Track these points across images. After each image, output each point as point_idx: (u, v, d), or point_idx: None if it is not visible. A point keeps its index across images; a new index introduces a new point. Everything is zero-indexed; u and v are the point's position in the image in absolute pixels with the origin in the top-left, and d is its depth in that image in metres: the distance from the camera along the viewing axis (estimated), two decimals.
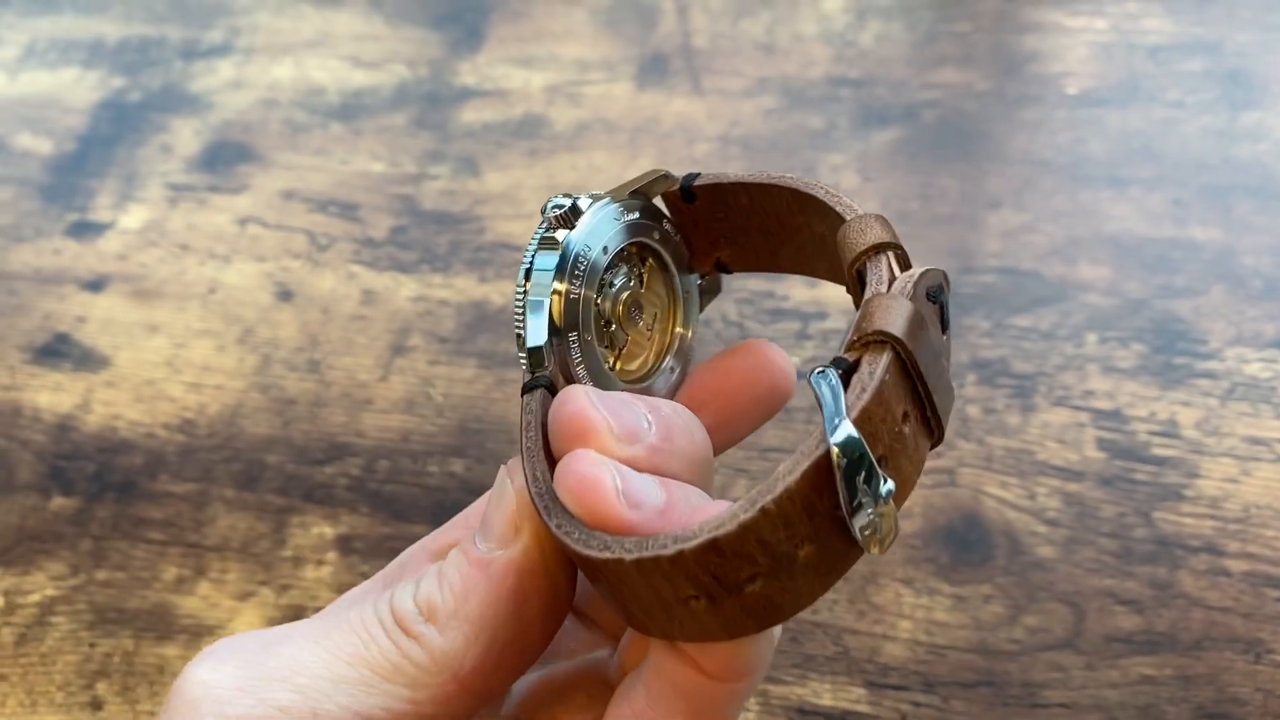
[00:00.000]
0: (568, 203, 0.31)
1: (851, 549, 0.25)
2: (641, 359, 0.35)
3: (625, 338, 0.34)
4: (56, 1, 0.75)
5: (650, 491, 0.26)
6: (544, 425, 0.29)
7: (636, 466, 0.27)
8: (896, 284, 0.27)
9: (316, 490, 0.53)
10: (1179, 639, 0.46)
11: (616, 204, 0.32)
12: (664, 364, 0.35)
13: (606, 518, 0.25)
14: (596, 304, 0.32)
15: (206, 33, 0.73)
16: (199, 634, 0.49)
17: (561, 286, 0.31)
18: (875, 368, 0.25)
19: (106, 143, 0.68)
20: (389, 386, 0.56)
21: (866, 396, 0.24)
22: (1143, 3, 0.67)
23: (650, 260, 0.34)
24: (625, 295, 0.33)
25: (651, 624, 0.26)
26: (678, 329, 0.35)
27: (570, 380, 0.31)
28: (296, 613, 0.50)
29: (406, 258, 0.61)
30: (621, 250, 0.33)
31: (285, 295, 0.60)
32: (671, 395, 0.35)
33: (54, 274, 0.62)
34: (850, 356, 0.26)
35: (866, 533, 0.24)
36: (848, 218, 0.30)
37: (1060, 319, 0.55)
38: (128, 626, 0.50)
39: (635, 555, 0.25)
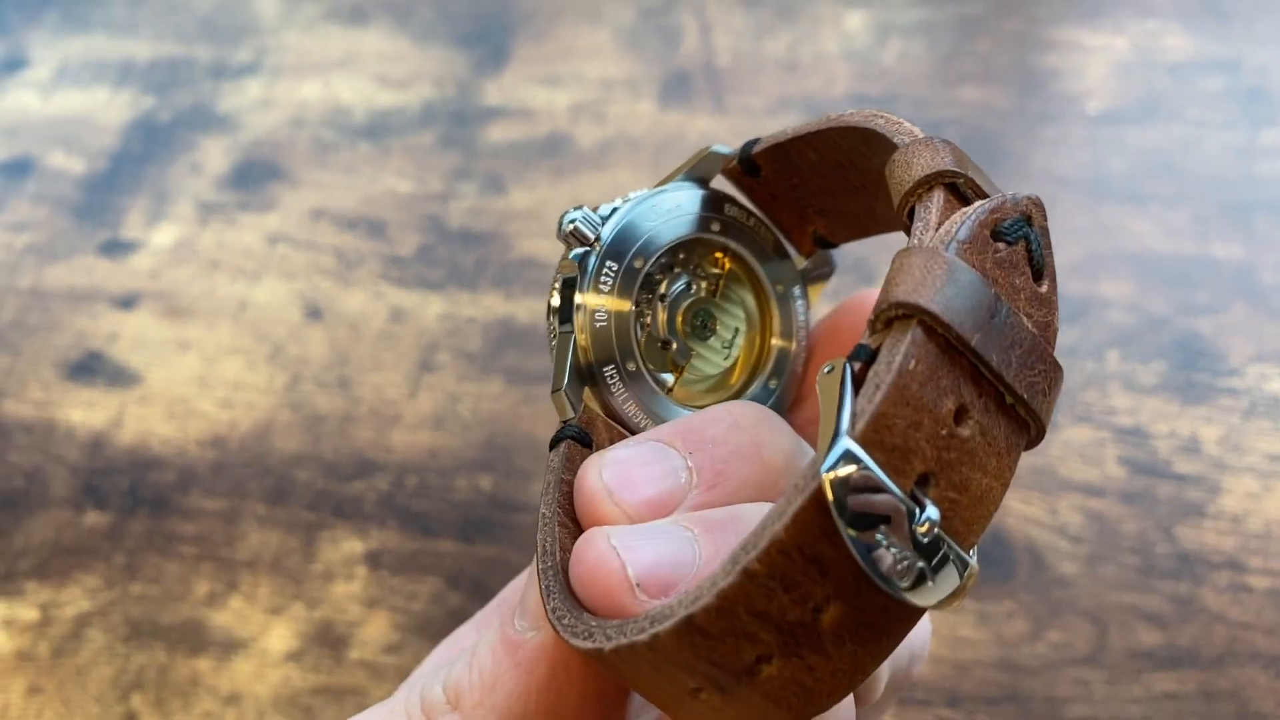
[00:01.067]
0: (579, 215, 0.27)
1: (903, 607, 0.19)
2: (718, 378, 0.29)
3: (690, 353, 0.29)
4: (88, 22, 0.76)
5: (682, 561, 0.22)
6: (571, 484, 0.25)
7: (678, 517, 0.23)
8: (941, 230, 0.20)
9: (346, 506, 0.54)
10: (1201, 655, 0.46)
11: (654, 196, 0.28)
12: (756, 384, 0.29)
13: (621, 611, 0.21)
14: (643, 322, 0.28)
15: (235, 53, 0.74)
16: (231, 647, 0.50)
17: (583, 317, 0.27)
18: (894, 355, 0.19)
19: (137, 162, 0.69)
20: (417, 403, 0.57)
21: (879, 397, 0.18)
22: (1162, 21, 0.67)
23: (723, 257, 0.29)
24: (687, 304, 0.29)
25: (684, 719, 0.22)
26: (773, 340, 0.30)
27: (617, 419, 0.27)
28: (326, 627, 0.50)
29: (434, 275, 0.61)
30: (668, 251, 0.28)
31: (315, 313, 0.61)
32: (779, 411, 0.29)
33: (87, 292, 0.63)
34: (873, 342, 0.20)
35: (905, 584, 0.18)
36: (884, 132, 0.24)
37: (1082, 336, 0.55)
38: (161, 640, 0.51)
39: (612, 644, 0.20)
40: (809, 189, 0.28)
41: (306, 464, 0.55)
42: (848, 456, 0.18)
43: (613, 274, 0.27)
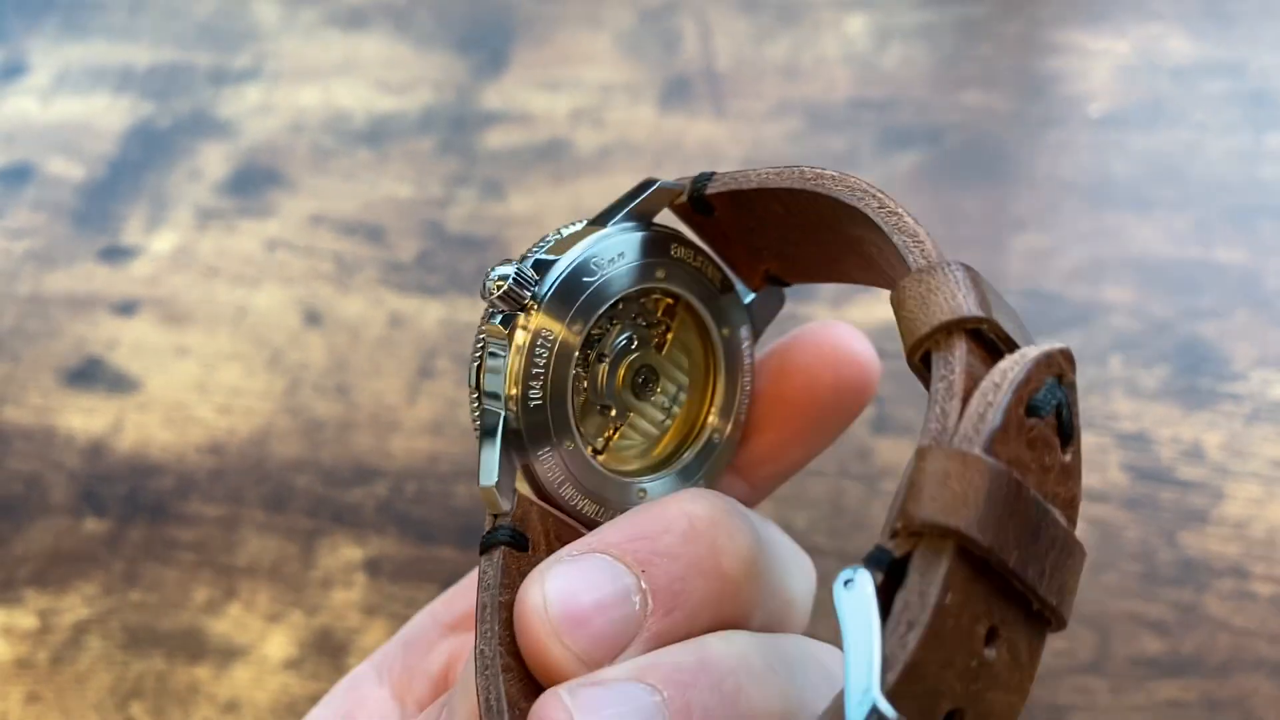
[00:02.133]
0: (510, 271, 0.24)
1: None
2: (650, 442, 0.27)
3: (628, 415, 0.27)
4: (88, 29, 0.76)
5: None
6: (510, 607, 0.22)
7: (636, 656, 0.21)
8: (970, 412, 0.18)
9: (345, 512, 0.54)
10: (1205, 662, 0.46)
11: (596, 243, 0.25)
12: (687, 454, 0.27)
13: None
14: (580, 386, 0.25)
15: (234, 58, 0.74)
16: (230, 655, 0.50)
17: (515, 391, 0.24)
18: (929, 586, 0.17)
19: (136, 168, 0.69)
20: (416, 409, 0.56)
21: (914, 643, 0.16)
22: (1165, 24, 0.67)
23: (671, 304, 0.27)
24: (629, 360, 0.26)
25: None
26: (710, 418, 0.27)
27: (551, 502, 0.25)
28: (325, 634, 0.50)
29: (433, 281, 0.61)
30: (609, 309, 0.25)
31: (313, 319, 0.60)
32: (724, 459, 0.28)
33: (86, 298, 0.63)
34: (896, 550, 0.17)
35: None
36: (908, 261, 0.21)
37: (1084, 341, 0.55)
38: (160, 647, 0.51)
39: None
40: (768, 237, 0.26)
41: (305, 470, 0.55)
42: (875, 713, 0.16)
43: (547, 348, 0.24)
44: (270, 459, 0.56)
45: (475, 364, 0.24)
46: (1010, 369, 0.18)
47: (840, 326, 0.27)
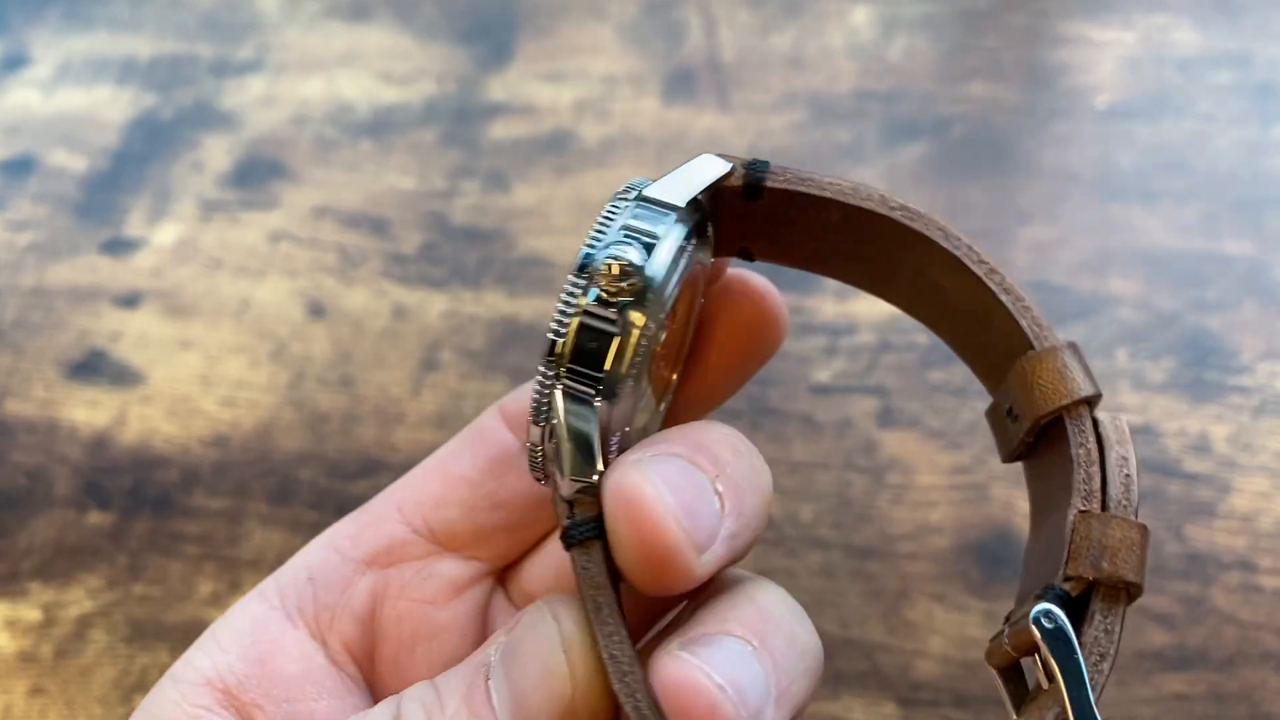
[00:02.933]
0: (615, 249, 0.22)
1: None
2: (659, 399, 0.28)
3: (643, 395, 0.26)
4: (90, 20, 0.76)
5: (757, 687, 0.21)
6: (614, 588, 0.23)
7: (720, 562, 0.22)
8: (1115, 479, 0.23)
9: (349, 505, 0.53)
10: (1212, 656, 0.46)
11: (681, 233, 0.24)
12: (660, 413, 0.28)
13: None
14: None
15: (237, 50, 0.73)
16: None
17: (625, 378, 0.23)
18: (1114, 625, 0.22)
19: (139, 160, 0.68)
20: (420, 402, 0.56)
21: (1106, 669, 0.22)
22: (1172, 15, 0.66)
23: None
24: (662, 340, 0.25)
25: None
26: (685, 348, 0.28)
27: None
28: None
29: (437, 273, 0.61)
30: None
31: (317, 311, 0.60)
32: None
33: (89, 291, 0.63)
34: (1071, 590, 0.22)
35: None
36: (1033, 338, 0.25)
37: (1090, 333, 0.55)
38: (165, 640, 0.51)
39: None
40: (794, 232, 0.26)
41: (309, 463, 0.55)
42: None
43: (648, 332, 0.23)
44: (274, 451, 0.56)
45: (573, 344, 0.23)
46: (1121, 441, 0.24)
47: (750, 275, 0.27)
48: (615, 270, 0.22)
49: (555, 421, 0.23)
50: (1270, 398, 0.52)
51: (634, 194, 0.24)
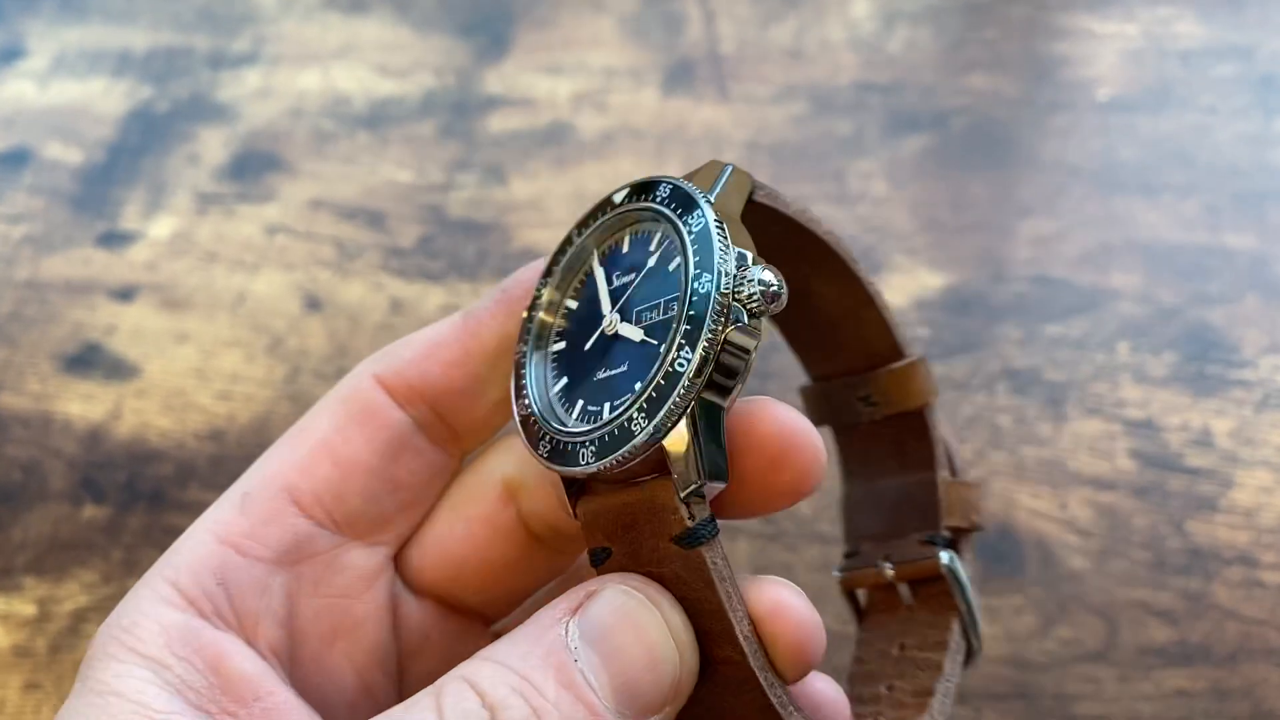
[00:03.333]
0: (775, 283, 0.26)
1: None
2: None
3: None
4: (85, 11, 0.76)
5: None
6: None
7: None
8: (957, 451, 0.34)
9: None
10: (1213, 651, 0.46)
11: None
12: None
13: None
14: None
15: (233, 42, 0.73)
16: None
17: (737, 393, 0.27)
18: (971, 563, 0.34)
19: (135, 152, 0.68)
20: None
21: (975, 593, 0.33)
22: (1174, 7, 0.66)
23: None
24: None
25: None
26: None
27: None
28: None
29: (434, 267, 0.61)
30: None
31: (313, 305, 0.60)
32: None
33: (84, 284, 0.62)
34: (949, 536, 0.33)
35: None
36: (905, 347, 0.33)
37: (1092, 327, 0.54)
38: None
39: None
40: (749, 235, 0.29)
41: None
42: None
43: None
44: (270, 445, 0.55)
45: (714, 365, 0.26)
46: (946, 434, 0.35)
47: (781, 405, 0.28)
48: (766, 293, 0.26)
49: (691, 430, 0.26)
50: (1273, 392, 0.52)
51: (713, 215, 0.27)
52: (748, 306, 0.26)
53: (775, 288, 0.26)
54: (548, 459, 0.27)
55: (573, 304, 0.30)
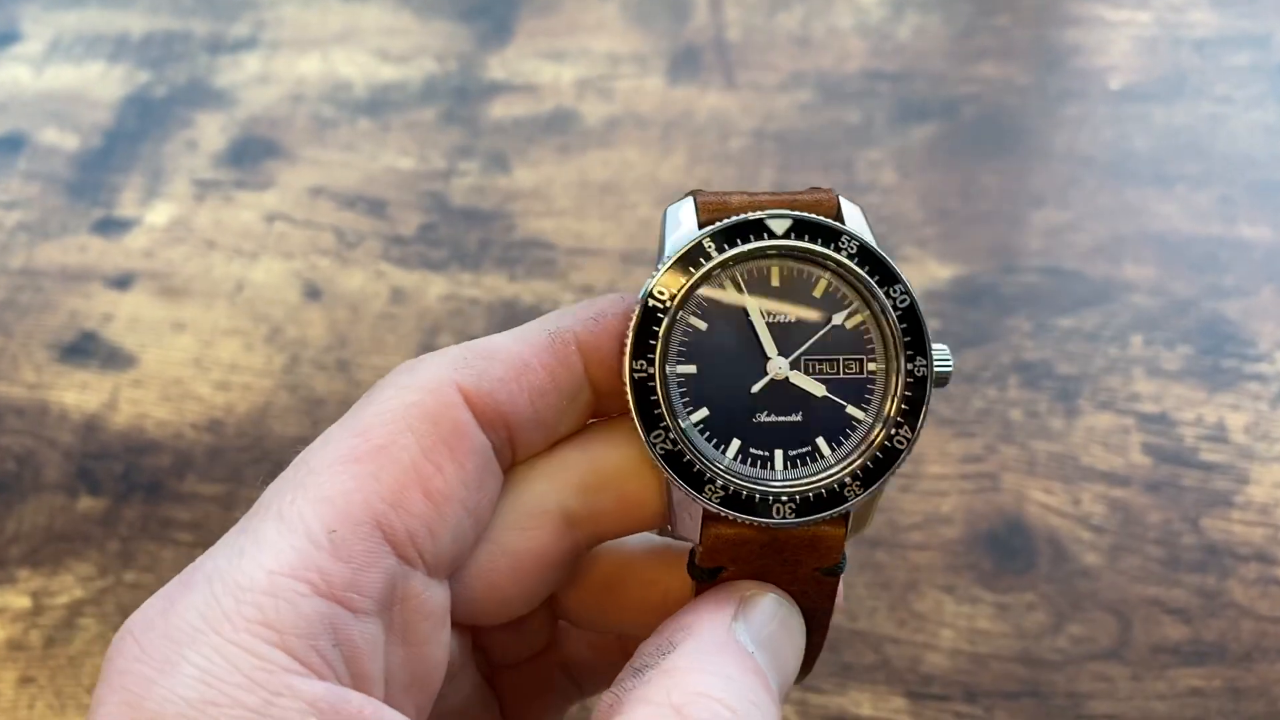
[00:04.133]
0: None
1: None
2: None
3: None
4: None
5: None
6: None
7: None
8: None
9: None
10: (1229, 650, 0.45)
11: None
12: None
13: None
14: None
15: (232, 27, 0.72)
16: None
17: None
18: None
19: (132, 138, 0.67)
20: None
21: None
22: None
23: None
24: None
25: None
26: None
27: None
28: None
29: (436, 255, 0.60)
30: None
31: (313, 293, 0.59)
32: None
33: (80, 271, 0.61)
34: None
35: None
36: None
37: (1105, 320, 0.54)
38: None
39: None
40: None
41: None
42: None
43: None
44: (269, 436, 0.54)
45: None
46: None
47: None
48: (948, 376, 0.29)
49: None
50: None
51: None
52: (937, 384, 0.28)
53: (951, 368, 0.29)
54: (721, 504, 0.27)
55: (699, 323, 0.28)
